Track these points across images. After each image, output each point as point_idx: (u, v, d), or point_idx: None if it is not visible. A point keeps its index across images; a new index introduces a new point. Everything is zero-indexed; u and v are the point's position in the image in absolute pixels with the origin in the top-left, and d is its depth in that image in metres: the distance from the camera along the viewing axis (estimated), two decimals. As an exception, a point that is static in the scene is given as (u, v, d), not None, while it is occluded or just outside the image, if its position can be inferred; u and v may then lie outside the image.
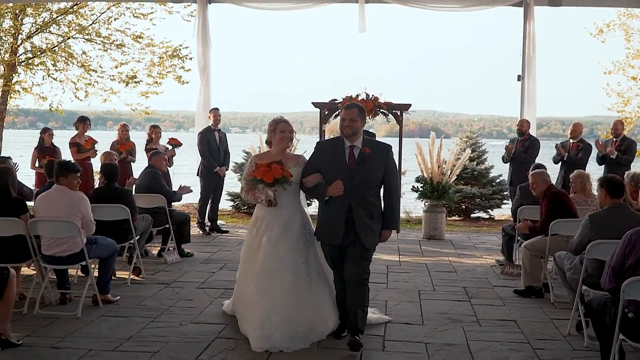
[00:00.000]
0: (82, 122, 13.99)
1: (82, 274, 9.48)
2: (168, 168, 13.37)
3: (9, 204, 7.78)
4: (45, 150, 13.82)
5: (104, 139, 14.41)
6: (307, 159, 7.17)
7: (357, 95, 13.31)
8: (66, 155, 13.53)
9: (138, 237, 9.61)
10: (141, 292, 8.84)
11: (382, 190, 6.83)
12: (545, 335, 7.19)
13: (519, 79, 14.14)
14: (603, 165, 12.78)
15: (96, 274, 8.44)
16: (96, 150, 13.58)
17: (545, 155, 13.70)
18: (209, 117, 13.99)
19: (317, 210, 7.12)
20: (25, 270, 9.32)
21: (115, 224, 9.08)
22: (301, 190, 7.16)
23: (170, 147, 13.89)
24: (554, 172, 13.53)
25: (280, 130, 7.20)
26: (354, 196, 6.58)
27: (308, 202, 9.64)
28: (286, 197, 7.08)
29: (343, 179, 6.57)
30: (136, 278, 9.56)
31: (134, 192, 10.59)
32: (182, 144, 14.10)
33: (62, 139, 14.38)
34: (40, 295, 8.02)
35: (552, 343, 6.94)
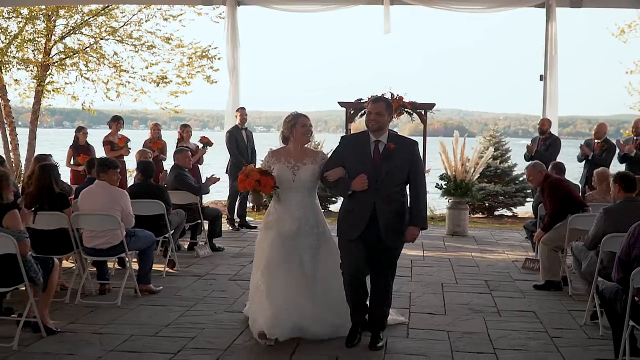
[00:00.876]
0: (116, 121, 14.46)
1: (118, 267, 9.93)
2: (198, 165, 13.84)
3: (53, 199, 8.21)
4: (80, 149, 14.26)
5: (131, 138, 14.83)
6: (329, 155, 7.10)
7: (382, 95, 13.66)
8: (100, 153, 13.98)
9: (172, 231, 10.03)
10: (176, 283, 9.26)
11: (407, 187, 6.72)
12: (562, 325, 7.52)
13: (541, 79, 14.41)
14: (624, 164, 13.01)
15: (135, 266, 8.88)
16: (129, 148, 14.05)
17: (571, 155, 13.97)
18: (236, 116, 14.37)
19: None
20: (65, 263, 9.75)
21: (151, 219, 9.49)
22: (322, 184, 7.06)
23: (201, 146, 14.30)
24: (577, 171, 13.86)
25: (302, 125, 7.03)
26: (379, 192, 6.47)
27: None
28: (299, 195, 7.00)
29: (368, 174, 6.44)
30: (171, 270, 9.97)
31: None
32: (212, 142, 14.51)
33: (90, 138, 14.80)
34: (81, 286, 8.47)
35: (569, 332, 7.28)
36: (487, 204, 18.10)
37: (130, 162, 14.45)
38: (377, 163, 6.51)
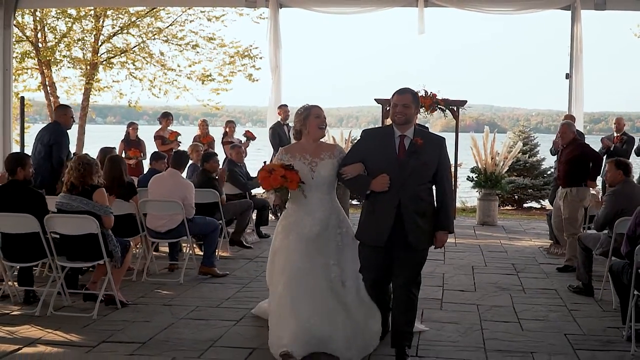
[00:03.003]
0: (166, 117, 15.47)
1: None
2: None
3: (124, 188, 9.17)
4: (131, 143, 15.31)
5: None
6: (349, 149, 6.74)
7: (417, 93, 14.51)
8: (151, 147, 14.97)
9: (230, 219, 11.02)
10: (230, 265, 10.20)
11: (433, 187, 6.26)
12: (580, 300, 8.36)
13: (567, 77, 15.10)
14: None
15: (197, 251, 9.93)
16: (179, 142, 15.02)
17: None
18: (279, 113, 15.24)
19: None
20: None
21: (207, 206, 10.42)
22: (338, 181, 6.50)
23: (245, 140, 15.24)
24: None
25: (316, 116, 6.52)
26: (405, 191, 5.94)
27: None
28: (319, 193, 6.46)
29: (392, 171, 5.93)
30: (224, 254, 10.92)
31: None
32: (255, 137, 15.45)
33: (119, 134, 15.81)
34: (146, 266, 9.43)
35: (585, 306, 8.12)
36: (516, 197, 18.90)
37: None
38: (402, 159, 5.98)
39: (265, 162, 6.44)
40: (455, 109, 14.95)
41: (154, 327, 7.07)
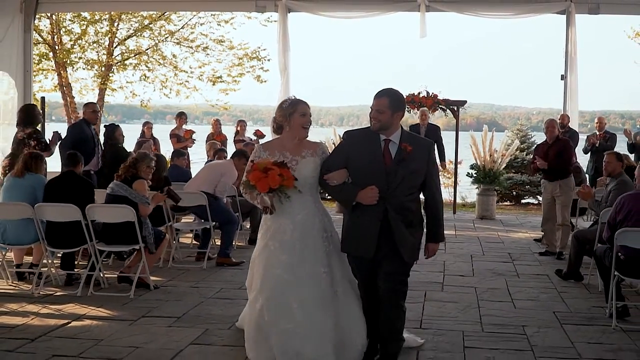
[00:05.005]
0: (180, 116, 16.34)
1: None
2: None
3: (161, 183, 9.93)
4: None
5: (164, 133, 16.76)
6: (331, 152, 6.09)
7: (419, 93, 15.43)
8: (167, 145, 15.81)
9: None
10: (246, 253, 10.93)
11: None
12: (569, 284, 9.18)
13: (562, 78, 15.86)
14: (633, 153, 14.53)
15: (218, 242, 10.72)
16: (194, 140, 15.85)
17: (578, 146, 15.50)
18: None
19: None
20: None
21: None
22: (320, 186, 5.97)
23: (255, 138, 16.06)
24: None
25: (301, 114, 5.92)
26: (391, 201, 5.53)
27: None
28: (302, 194, 5.84)
29: (378, 180, 5.51)
30: (240, 244, 11.74)
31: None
32: (265, 135, 16.26)
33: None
34: (172, 255, 10.25)
35: (573, 288, 8.97)
36: (514, 193, 19.71)
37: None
38: (389, 167, 5.55)
39: (252, 162, 5.81)
40: (455, 108, 15.84)
41: (185, 305, 7.91)
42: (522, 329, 7.14)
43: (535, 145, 14.14)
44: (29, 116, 10.84)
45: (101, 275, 8.69)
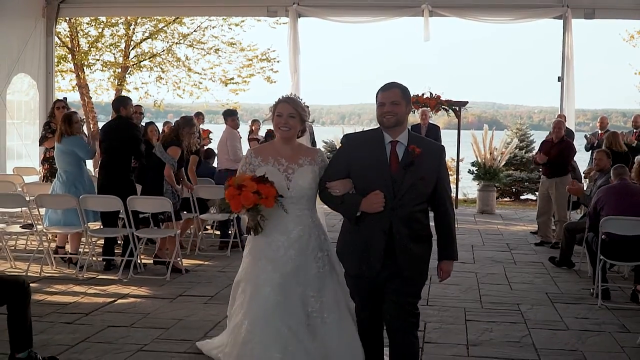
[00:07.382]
0: (197, 116, 17.17)
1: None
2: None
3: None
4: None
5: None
6: (330, 159, 5.28)
7: (423, 94, 16.36)
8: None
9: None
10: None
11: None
12: (562, 271, 10.12)
13: (559, 80, 16.74)
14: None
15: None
16: (211, 140, 16.71)
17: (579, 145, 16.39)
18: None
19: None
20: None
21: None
22: (320, 199, 5.23)
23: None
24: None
25: (277, 114, 5.18)
26: (398, 212, 4.75)
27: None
28: (296, 208, 5.20)
29: (384, 188, 4.74)
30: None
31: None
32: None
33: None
34: (198, 244, 11.17)
35: (566, 273, 9.94)
36: (514, 189, 20.60)
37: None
38: (397, 173, 4.78)
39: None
40: (457, 109, 16.79)
41: (216, 285, 8.86)
42: (517, 307, 8.08)
43: (541, 141, 14.94)
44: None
45: (139, 260, 9.62)
